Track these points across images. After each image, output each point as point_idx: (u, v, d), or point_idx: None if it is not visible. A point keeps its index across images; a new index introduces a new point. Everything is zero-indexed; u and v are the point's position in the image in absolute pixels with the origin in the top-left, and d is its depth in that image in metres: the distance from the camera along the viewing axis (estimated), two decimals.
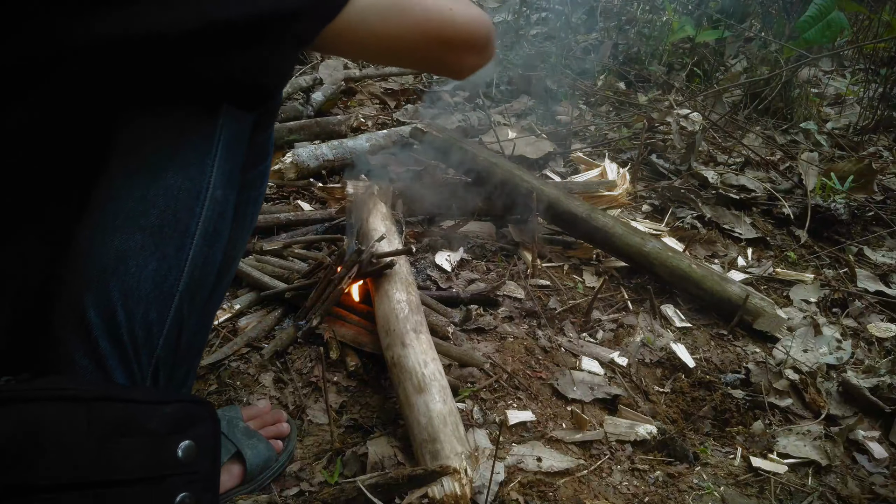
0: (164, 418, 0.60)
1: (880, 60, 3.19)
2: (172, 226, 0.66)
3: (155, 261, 0.65)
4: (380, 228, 1.48)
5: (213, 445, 0.65)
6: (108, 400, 0.58)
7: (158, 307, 0.66)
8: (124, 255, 0.63)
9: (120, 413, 0.58)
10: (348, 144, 2.09)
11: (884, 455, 1.22)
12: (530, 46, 3.19)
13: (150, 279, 0.65)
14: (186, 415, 0.63)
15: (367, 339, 1.30)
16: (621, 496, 1.07)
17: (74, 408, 0.55)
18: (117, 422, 0.57)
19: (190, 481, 0.61)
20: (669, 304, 1.60)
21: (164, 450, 0.60)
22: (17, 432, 0.51)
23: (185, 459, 0.60)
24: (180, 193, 0.66)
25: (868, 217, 2.07)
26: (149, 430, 0.59)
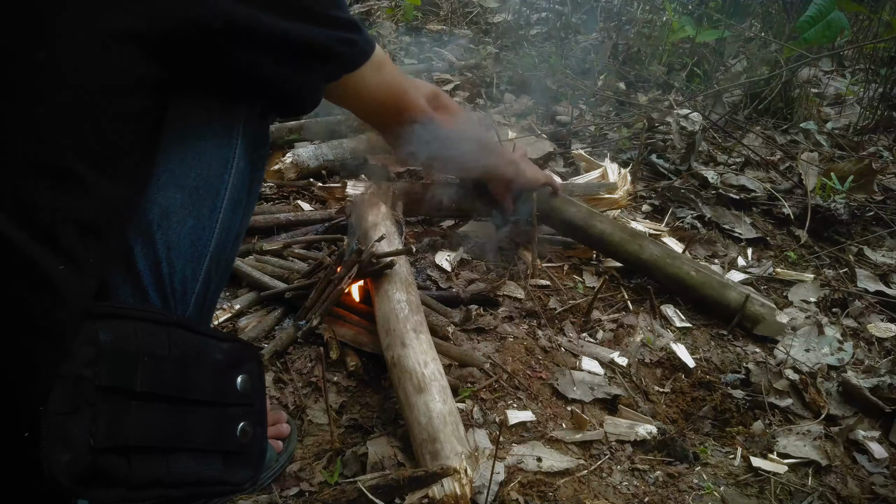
0: (223, 352, 0.65)
1: (880, 60, 3.19)
2: (206, 188, 0.73)
3: (192, 219, 0.72)
4: (380, 228, 1.48)
5: (262, 382, 0.70)
6: (184, 327, 0.63)
7: (193, 264, 0.72)
8: (167, 210, 0.70)
9: (192, 341, 0.63)
10: (348, 144, 2.09)
11: (884, 455, 1.22)
12: (530, 46, 3.19)
13: (188, 236, 0.71)
14: (239, 354, 0.67)
15: (367, 339, 1.30)
16: (621, 496, 1.07)
17: (159, 329, 0.60)
18: (190, 348, 0.62)
19: (248, 412, 0.66)
20: (669, 304, 1.60)
21: (226, 380, 0.65)
22: (114, 343, 0.56)
23: (242, 391, 0.65)
24: (213, 160, 0.74)
25: (868, 217, 2.07)
26: (214, 361, 0.64)
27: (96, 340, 0.55)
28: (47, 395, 0.51)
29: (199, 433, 0.61)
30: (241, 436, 0.64)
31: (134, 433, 0.55)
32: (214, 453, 0.62)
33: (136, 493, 0.55)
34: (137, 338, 0.58)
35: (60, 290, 0.53)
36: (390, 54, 3.09)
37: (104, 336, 0.55)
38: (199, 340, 0.64)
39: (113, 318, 0.57)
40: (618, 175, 2.00)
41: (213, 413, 0.63)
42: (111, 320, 0.57)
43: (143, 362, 0.57)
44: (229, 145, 0.75)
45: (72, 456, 0.51)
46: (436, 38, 3.42)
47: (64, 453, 0.51)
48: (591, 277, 1.67)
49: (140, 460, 0.55)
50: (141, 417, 0.56)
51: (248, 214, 0.87)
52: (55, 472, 0.50)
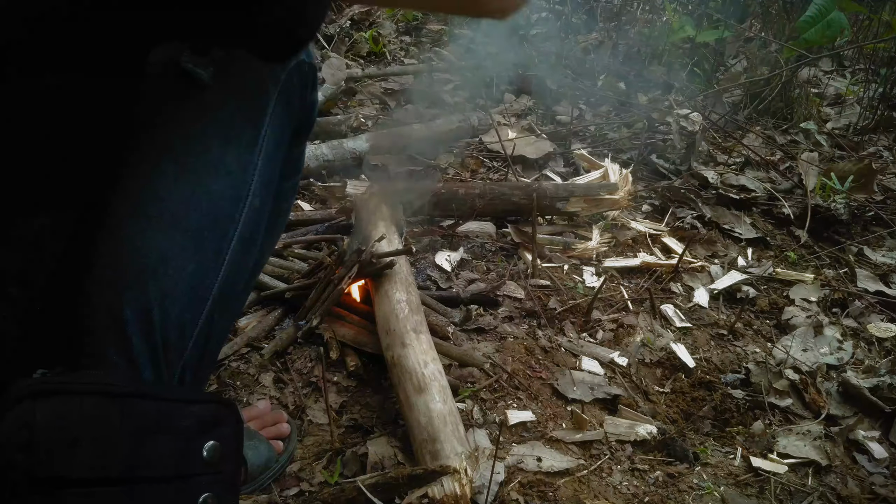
0: (191, 417, 0.61)
1: (880, 60, 3.19)
2: (213, 230, 0.68)
3: (194, 263, 0.66)
4: (380, 228, 1.48)
5: (236, 447, 0.65)
6: (141, 397, 0.58)
7: (193, 309, 0.67)
8: (166, 255, 0.64)
9: (151, 410, 0.58)
10: (348, 145, 2.09)
11: (884, 455, 1.22)
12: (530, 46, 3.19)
13: (188, 281, 0.66)
14: (212, 415, 0.63)
15: (367, 339, 1.30)
16: (621, 496, 1.07)
17: (109, 403, 0.55)
18: (148, 419, 0.57)
19: (214, 482, 0.61)
20: (669, 304, 1.60)
21: (191, 449, 0.60)
22: (53, 425, 0.51)
23: (210, 459, 0.60)
24: (222, 199, 0.68)
25: (868, 217, 2.07)
26: (177, 429, 0.59)
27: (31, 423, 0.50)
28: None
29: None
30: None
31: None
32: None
33: None
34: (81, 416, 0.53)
35: None
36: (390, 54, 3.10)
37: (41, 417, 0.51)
38: (161, 408, 0.59)
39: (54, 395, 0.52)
40: (618, 175, 2.00)
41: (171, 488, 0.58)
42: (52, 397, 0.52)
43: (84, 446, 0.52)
44: (244, 183, 0.70)
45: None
46: (436, 37, 3.43)
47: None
48: (591, 277, 1.67)
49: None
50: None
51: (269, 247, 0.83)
52: None
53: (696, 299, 1.64)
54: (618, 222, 1.92)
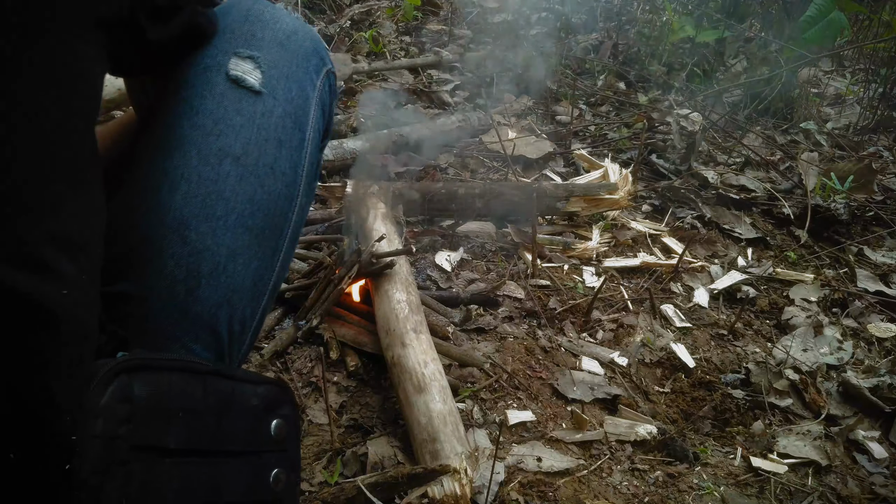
0: (258, 397, 0.64)
1: (880, 60, 3.19)
2: (272, 228, 0.72)
3: (257, 260, 0.71)
4: (380, 228, 1.48)
5: (297, 426, 0.68)
6: (219, 375, 0.61)
7: (253, 304, 0.72)
8: (234, 252, 0.69)
9: (227, 388, 0.61)
10: (348, 145, 2.09)
11: (884, 455, 1.22)
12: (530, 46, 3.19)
13: (251, 277, 0.70)
14: (275, 396, 0.66)
15: (367, 339, 1.30)
16: (621, 496, 1.07)
17: (194, 379, 0.58)
18: (225, 396, 0.60)
19: (281, 459, 0.64)
20: (669, 304, 1.60)
21: (261, 426, 0.63)
22: (151, 398, 0.54)
23: (276, 437, 0.64)
24: (280, 199, 0.73)
25: (868, 217, 2.07)
26: (249, 407, 0.62)
27: (131, 396, 0.52)
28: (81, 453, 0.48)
29: (235, 485, 0.59)
30: (274, 483, 0.62)
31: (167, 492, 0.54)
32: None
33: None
34: (172, 391, 0.56)
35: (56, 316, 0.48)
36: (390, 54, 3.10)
37: (139, 391, 0.53)
38: (235, 387, 0.62)
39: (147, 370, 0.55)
40: (618, 175, 2.00)
41: (247, 463, 0.61)
42: (146, 373, 0.55)
43: (178, 418, 0.55)
44: (295, 183, 0.75)
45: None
46: (436, 38, 3.42)
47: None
48: (591, 277, 1.67)
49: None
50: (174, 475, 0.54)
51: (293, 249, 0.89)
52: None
53: (696, 299, 1.64)
54: (618, 222, 1.92)
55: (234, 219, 0.69)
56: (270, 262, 0.73)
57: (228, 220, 0.69)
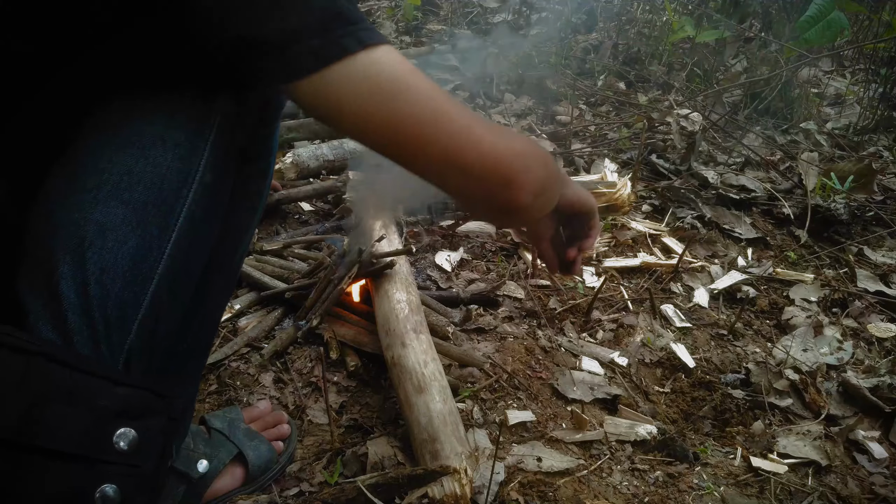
0: (112, 398, 0.57)
1: (880, 60, 3.19)
2: (157, 204, 0.64)
3: (136, 237, 0.63)
4: (380, 228, 1.48)
5: (160, 443, 0.60)
6: (56, 362, 0.55)
7: (135, 288, 0.63)
8: (104, 227, 0.61)
9: (63, 378, 0.55)
10: (349, 145, 2.09)
11: (884, 455, 1.22)
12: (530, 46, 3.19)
13: (129, 256, 0.62)
14: (141, 403, 0.59)
15: (367, 339, 1.30)
16: (621, 496, 1.07)
17: (14, 358, 0.52)
18: (58, 386, 0.54)
19: (124, 475, 0.57)
20: (669, 304, 1.60)
21: (101, 431, 0.56)
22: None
23: (126, 449, 0.56)
24: (169, 172, 0.64)
25: (868, 217, 2.07)
26: (92, 406, 0.55)
27: None
28: None
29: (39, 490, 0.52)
30: (100, 500, 0.54)
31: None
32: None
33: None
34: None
35: None
36: None
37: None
38: (78, 379, 0.55)
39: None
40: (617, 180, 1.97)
41: (69, 467, 0.54)
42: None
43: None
44: (192, 156, 0.66)
45: None
46: (436, 38, 3.42)
47: None
48: (591, 277, 1.67)
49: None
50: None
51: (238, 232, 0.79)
52: None
53: (696, 299, 1.64)
54: (618, 222, 1.92)
55: (107, 190, 0.62)
56: (157, 242, 0.64)
57: (101, 191, 0.61)
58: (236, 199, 0.75)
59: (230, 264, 0.85)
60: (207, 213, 0.69)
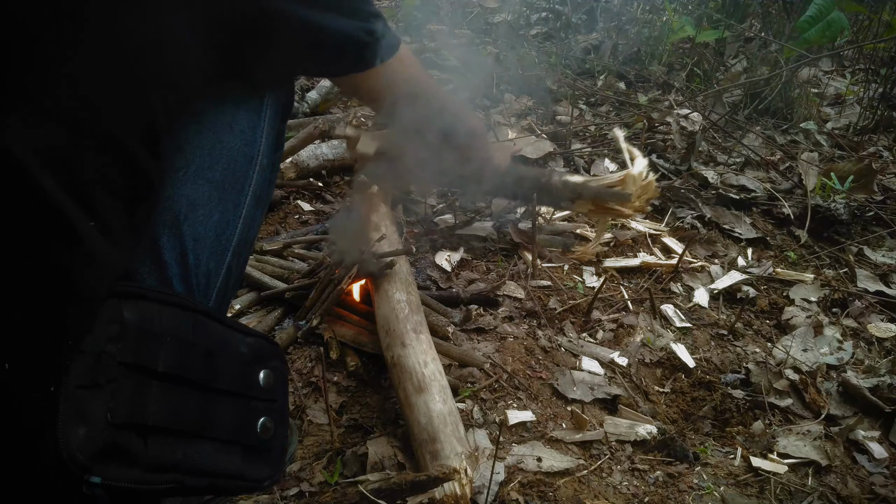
0: (247, 346, 0.65)
1: (880, 60, 3.19)
2: (232, 183, 0.74)
3: (218, 213, 0.72)
4: (380, 228, 1.48)
5: (285, 380, 0.69)
6: (210, 317, 0.62)
7: (217, 258, 0.73)
8: (195, 202, 0.70)
9: (217, 330, 0.62)
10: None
11: (884, 455, 1.22)
12: (530, 46, 3.19)
13: (214, 229, 0.72)
14: (263, 349, 0.67)
15: (367, 339, 1.30)
16: (621, 496, 1.07)
17: (185, 315, 0.59)
18: (215, 338, 0.62)
19: (270, 409, 0.65)
20: (669, 304, 1.60)
21: (249, 373, 0.64)
22: (140, 322, 0.55)
23: (265, 386, 0.65)
24: (239, 155, 0.74)
25: (868, 217, 2.07)
26: (238, 353, 0.64)
27: (121, 318, 0.54)
28: (67, 368, 0.50)
29: (221, 422, 0.59)
30: (262, 431, 0.63)
31: (153, 413, 0.54)
32: (235, 445, 0.61)
33: (151, 475, 0.53)
34: (163, 320, 0.57)
35: (94, 252, 0.53)
36: None
37: (129, 314, 0.54)
38: (224, 331, 0.63)
39: (140, 299, 0.56)
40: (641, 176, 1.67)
41: (235, 404, 0.62)
42: (138, 301, 0.56)
43: (167, 343, 0.56)
44: (254, 142, 0.76)
45: (88, 431, 0.50)
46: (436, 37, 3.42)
47: (80, 427, 0.49)
48: (591, 277, 1.67)
49: (157, 442, 0.54)
50: (161, 398, 0.55)
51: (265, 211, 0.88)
52: (71, 446, 0.49)
53: (696, 299, 1.64)
54: (617, 222, 1.92)
55: (192, 170, 0.70)
56: (233, 217, 0.74)
57: (188, 170, 0.70)
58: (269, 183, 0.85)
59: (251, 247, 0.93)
60: (263, 192, 0.80)
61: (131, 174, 0.59)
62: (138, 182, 0.60)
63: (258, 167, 0.77)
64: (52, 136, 0.51)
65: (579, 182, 1.67)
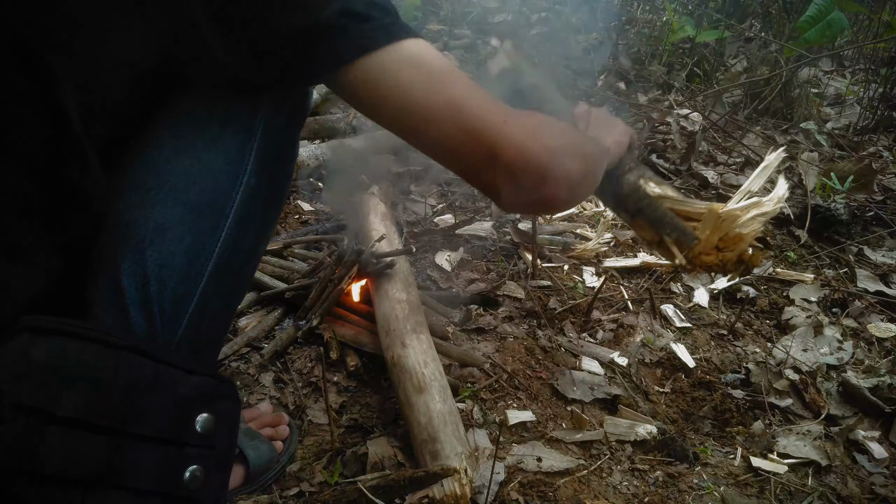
0: (189, 386, 0.60)
1: (880, 60, 3.19)
2: (210, 204, 0.68)
3: (191, 236, 0.67)
4: (380, 228, 1.48)
5: (231, 424, 0.65)
6: (141, 354, 0.58)
7: (188, 284, 0.67)
8: (163, 226, 0.65)
9: (149, 369, 0.58)
10: (348, 144, 2.09)
11: (884, 455, 1.22)
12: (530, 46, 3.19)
13: (185, 254, 0.66)
14: (211, 389, 0.63)
15: (367, 339, 1.30)
16: (621, 496, 1.07)
17: (107, 352, 0.55)
18: (145, 377, 0.57)
19: (205, 456, 0.60)
20: (669, 304, 1.60)
21: (185, 417, 0.60)
22: (49, 361, 0.52)
23: (203, 431, 0.60)
24: (220, 175, 0.69)
25: (868, 217, 2.07)
26: (174, 394, 0.59)
27: (29, 355, 0.51)
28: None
29: (137, 470, 0.55)
30: (189, 480, 0.58)
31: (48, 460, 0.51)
32: (153, 496, 0.57)
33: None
34: (79, 359, 0.53)
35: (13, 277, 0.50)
36: None
37: (37, 353, 0.51)
38: (160, 370, 0.59)
39: (56, 335, 0.53)
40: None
41: (161, 450, 0.58)
42: (53, 337, 0.53)
43: (77, 386, 0.52)
44: (240, 160, 0.70)
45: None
46: (436, 37, 3.42)
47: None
48: (591, 277, 1.67)
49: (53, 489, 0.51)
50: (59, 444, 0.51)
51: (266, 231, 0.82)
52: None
53: (696, 299, 1.64)
54: (618, 222, 1.92)
55: (165, 191, 0.66)
56: (209, 241, 0.69)
57: (160, 191, 0.65)
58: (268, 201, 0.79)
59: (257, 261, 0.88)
60: (251, 213, 0.73)
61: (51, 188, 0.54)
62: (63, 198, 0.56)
63: (243, 187, 0.70)
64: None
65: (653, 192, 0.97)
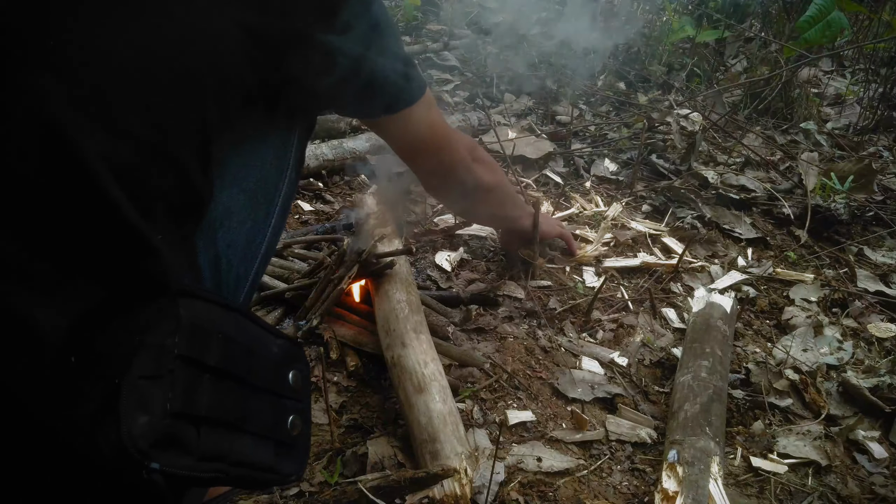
0: (278, 346, 0.67)
1: (880, 60, 3.19)
2: (263, 193, 0.77)
3: (250, 220, 0.75)
4: (380, 229, 1.48)
5: (307, 382, 0.71)
6: (248, 318, 0.65)
7: (246, 264, 0.75)
8: (230, 210, 0.73)
9: (254, 330, 0.65)
10: (348, 144, 2.09)
11: (884, 455, 1.22)
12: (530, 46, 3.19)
13: (245, 236, 0.74)
14: (290, 350, 0.69)
15: (367, 339, 1.30)
16: (621, 496, 1.07)
17: (228, 314, 0.62)
18: (252, 336, 0.64)
19: (297, 408, 0.67)
20: (670, 307, 1.60)
21: (280, 372, 0.66)
22: (191, 318, 0.58)
23: (293, 385, 0.67)
24: (271, 167, 0.78)
25: (868, 217, 2.07)
26: (271, 353, 0.66)
27: (177, 314, 0.56)
28: (131, 361, 0.53)
29: (259, 418, 0.62)
30: (291, 428, 0.66)
31: (205, 404, 0.56)
32: (269, 440, 0.63)
33: (202, 463, 0.55)
34: (212, 318, 0.60)
35: (164, 258, 0.56)
36: None
37: (184, 311, 0.57)
38: (259, 331, 0.66)
39: (189, 297, 0.59)
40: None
41: (270, 401, 0.64)
42: (188, 298, 0.59)
43: (216, 339, 0.59)
44: (285, 156, 0.80)
45: (150, 419, 0.51)
46: (435, 37, 3.42)
47: (142, 416, 0.51)
48: (591, 277, 1.67)
49: (208, 432, 0.56)
50: (211, 391, 0.57)
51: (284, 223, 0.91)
52: (134, 434, 0.50)
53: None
54: (618, 222, 1.92)
55: (229, 178, 0.73)
56: (262, 226, 0.77)
57: (224, 179, 0.72)
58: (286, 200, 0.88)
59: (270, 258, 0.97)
60: (289, 204, 0.83)
61: (186, 192, 0.62)
62: (191, 199, 0.63)
63: (287, 179, 0.80)
64: (122, 154, 0.55)
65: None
